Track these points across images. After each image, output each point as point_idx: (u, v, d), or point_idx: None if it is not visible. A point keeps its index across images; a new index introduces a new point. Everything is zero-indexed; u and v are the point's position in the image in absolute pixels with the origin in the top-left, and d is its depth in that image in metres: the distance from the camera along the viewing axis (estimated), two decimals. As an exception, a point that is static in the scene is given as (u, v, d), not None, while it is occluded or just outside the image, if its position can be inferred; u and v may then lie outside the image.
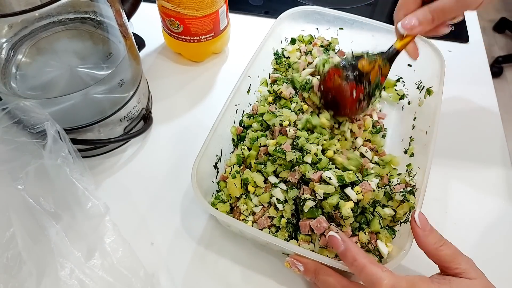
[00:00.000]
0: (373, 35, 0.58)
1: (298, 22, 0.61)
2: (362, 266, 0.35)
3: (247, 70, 0.52)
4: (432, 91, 0.53)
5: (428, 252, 0.38)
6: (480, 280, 0.36)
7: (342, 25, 0.60)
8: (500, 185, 0.53)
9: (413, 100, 0.56)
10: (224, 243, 0.48)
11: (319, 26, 0.61)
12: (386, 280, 0.34)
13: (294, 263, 0.40)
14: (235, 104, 0.52)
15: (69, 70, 0.50)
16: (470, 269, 0.36)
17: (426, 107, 0.53)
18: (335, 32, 0.61)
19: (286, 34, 0.61)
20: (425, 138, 0.48)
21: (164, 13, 0.60)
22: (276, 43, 0.60)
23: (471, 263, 0.37)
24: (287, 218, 0.45)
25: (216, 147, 0.49)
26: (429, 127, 0.48)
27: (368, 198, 0.42)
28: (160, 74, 0.66)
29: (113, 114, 0.52)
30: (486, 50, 0.70)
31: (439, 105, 0.49)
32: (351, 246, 0.37)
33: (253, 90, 0.56)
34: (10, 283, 0.38)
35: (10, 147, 0.43)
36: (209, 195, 0.47)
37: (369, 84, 0.47)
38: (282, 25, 0.59)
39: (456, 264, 0.36)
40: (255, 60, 0.53)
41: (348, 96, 0.47)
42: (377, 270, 0.34)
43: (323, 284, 0.39)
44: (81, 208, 0.43)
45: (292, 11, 0.59)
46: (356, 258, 0.36)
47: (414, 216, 0.39)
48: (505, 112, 0.66)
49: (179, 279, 0.46)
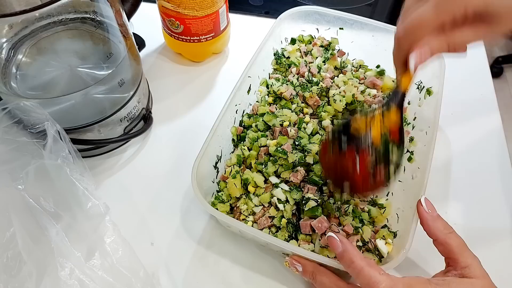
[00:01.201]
0: (373, 35, 0.58)
1: (298, 22, 0.61)
2: (360, 268, 0.35)
3: (247, 70, 0.52)
4: (432, 91, 0.53)
5: (437, 238, 0.37)
6: (482, 280, 0.35)
7: (342, 25, 0.60)
8: (500, 185, 0.53)
9: (413, 100, 0.57)
10: (224, 243, 0.48)
11: (319, 26, 0.61)
12: (384, 283, 0.34)
13: (293, 263, 0.40)
14: (235, 104, 0.52)
15: (69, 70, 0.50)
16: (476, 266, 0.36)
17: (426, 107, 0.53)
18: (335, 32, 0.61)
19: (286, 34, 0.61)
20: (425, 138, 0.48)
21: (164, 13, 0.60)
22: (276, 43, 0.60)
23: (477, 260, 0.36)
24: (288, 218, 0.45)
25: (216, 147, 0.49)
26: (429, 128, 0.48)
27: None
28: (160, 74, 0.66)
29: (113, 114, 0.52)
30: (486, 50, 0.70)
31: (439, 105, 0.49)
32: (349, 248, 0.37)
33: (253, 90, 0.56)
34: (10, 283, 0.38)
35: (10, 147, 0.43)
36: (209, 195, 0.47)
37: (374, 147, 0.37)
38: (282, 25, 0.59)
39: (463, 257, 0.36)
40: (255, 60, 0.53)
41: (352, 172, 0.38)
42: (374, 273, 0.34)
43: (320, 285, 0.39)
44: (81, 208, 0.43)
45: (292, 11, 0.59)
46: (354, 260, 0.35)
47: (421, 201, 0.39)
48: (505, 112, 0.66)
49: (179, 279, 0.46)
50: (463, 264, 0.36)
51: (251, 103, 0.56)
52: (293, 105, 0.53)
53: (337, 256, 0.37)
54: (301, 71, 0.58)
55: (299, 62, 0.59)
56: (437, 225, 0.38)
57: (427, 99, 0.54)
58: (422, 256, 0.39)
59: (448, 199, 0.52)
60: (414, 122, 0.54)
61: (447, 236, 0.37)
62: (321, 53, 0.60)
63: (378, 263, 0.42)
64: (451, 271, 0.37)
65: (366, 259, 0.36)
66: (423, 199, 0.39)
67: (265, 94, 0.56)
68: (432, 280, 0.36)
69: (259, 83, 0.57)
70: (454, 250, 0.37)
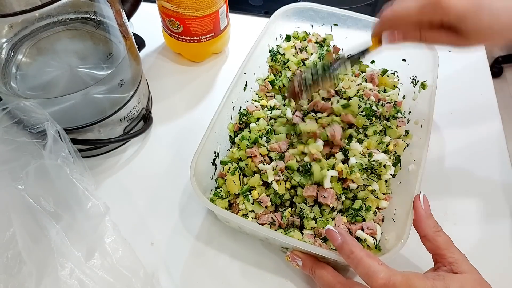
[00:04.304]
0: (367, 31, 0.58)
1: (292, 20, 0.60)
2: (359, 258, 0.36)
3: (243, 67, 0.53)
4: (426, 85, 0.53)
5: (426, 235, 0.39)
6: (472, 274, 0.36)
7: (336, 22, 0.60)
8: (500, 185, 0.53)
9: (407, 94, 0.57)
10: (223, 240, 0.48)
11: (313, 23, 0.61)
12: (382, 273, 0.34)
13: (293, 258, 0.41)
14: (232, 101, 0.52)
15: (69, 70, 0.50)
16: (462, 262, 0.37)
17: (420, 101, 0.53)
18: (330, 29, 0.61)
19: (281, 31, 0.61)
20: (420, 131, 0.48)
21: (164, 13, 0.60)
22: (271, 40, 0.60)
23: (464, 256, 0.37)
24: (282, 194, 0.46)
25: (213, 144, 0.49)
26: (424, 120, 0.48)
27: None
28: (160, 74, 0.66)
29: (113, 114, 0.52)
30: (486, 50, 0.70)
31: (433, 98, 0.49)
32: (348, 239, 0.38)
33: (250, 87, 0.56)
34: (10, 283, 0.38)
35: (10, 147, 0.43)
36: (207, 192, 0.48)
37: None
38: (276, 22, 0.59)
39: (450, 253, 0.37)
40: (251, 57, 0.54)
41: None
42: (374, 263, 0.35)
43: (319, 279, 0.40)
44: (81, 208, 0.43)
45: (286, 8, 0.59)
46: (353, 251, 0.36)
47: (419, 196, 0.40)
48: (505, 112, 0.66)
49: (178, 279, 0.46)
50: (451, 259, 0.37)
51: (248, 100, 0.56)
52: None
53: (337, 248, 0.38)
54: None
55: (296, 62, 0.59)
56: (428, 222, 0.39)
57: (421, 92, 0.54)
58: (416, 251, 0.40)
59: (448, 199, 0.52)
60: (409, 116, 0.54)
61: (435, 233, 0.39)
62: (316, 50, 0.60)
63: (376, 253, 0.42)
64: (441, 267, 0.37)
65: (365, 250, 0.37)
66: (422, 195, 0.40)
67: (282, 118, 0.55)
68: (428, 275, 0.37)
69: (255, 79, 0.58)
70: (441, 246, 0.38)
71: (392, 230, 0.43)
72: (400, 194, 0.46)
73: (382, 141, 0.49)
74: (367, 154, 0.47)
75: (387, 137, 0.50)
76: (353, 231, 0.45)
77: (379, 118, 0.52)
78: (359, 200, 0.46)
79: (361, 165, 0.46)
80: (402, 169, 0.49)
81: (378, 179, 0.47)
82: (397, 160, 0.49)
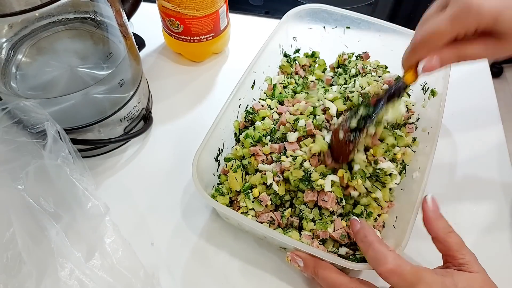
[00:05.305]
0: (380, 35, 0.58)
1: (305, 21, 0.60)
2: (370, 242, 0.37)
3: (252, 65, 0.52)
4: (436, 92, 0.53)
5: (437, 236, 0.38)
6: (481, 274, 0.36)
7: (349, 24, 0.59)
8: (500, 185, 0.53)
9: (417, 101, 0.56)
10: (223, 238, 0.48)
11: (326, 25, 0.61)
12: (391, 259, 0.35)
13: (294, 259, 0.40)
14: (239, 99, 0.52)
15: (69, 70, 0.50)
16: (473, 263, 0.37)
17: (429, 108, 0.53)
18: (342, 31, 0.61)
19: (292, 33, 0.61)
20: (427, 138, 0.48)
21: (164, 13, 0.60)
22: (282, 40, 0.60)
23: (475, 257, 0.37)
24: (282, 195, 0.46)
25: (218, 140, 0.49)
26: (432, 128, 0.48)
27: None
28: (160, 74, 0.66)
29: (113, 114, 0.51)
30: (486, 50, 0.70)
31: (443, 106, 0.49)
32: (366, 226, 0.39)
33: (258, 85, 0.56)
34: (10, 283, 0.38)
35: (10, 147, 0.43)
36: (209, 188, 0.48)
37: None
38: (288, 23, 0.58)
39: (461, 254, 0.37)
40: (261, 56, 0.53)
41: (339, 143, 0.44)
42: (384, 248, 0.36)
43: (323, 280, 0.39)
44: (81, 208, 0.43)
45: (299, 8, 0.58)
46: (367, 235, 0.38)
47: (426, 199, 0.40)
48: (505, 112, 0.66)
49: (179, 279, 0.46)
50: (461, 260, 0.37)
51: (255, 98, 0.56)
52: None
53: (354, 233, 0.40)
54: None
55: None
56: (439, 223, 0.39)
57: (431, 100, 0.54)
58: (420, 254, 0.40)
59: (447, 199, 0.52)
60: (417, 122, 0.54)
61: (446, 235, 0.38)
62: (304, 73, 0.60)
63: None
64: (450, 266, 0.37)
65: (378, 237, 0.38)
66: (430, 197, 0.40)
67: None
68: (437, 271, 0.37)
69: (264, 79, 0.57)
70: (453, 247, 0.38)
71: (391, 237, 0.43)
72: (402, 201, 0.46)
73: (389, 148, 0.48)
74: (373, 162, 0.46)
75: (396, 148, 0.48)
76: (352, 236, 0.44)
77: (392, 127, 0.52)
78: (360, 206, 0.46)
79: (363, 172, 0.45)
80: (407, 176, 0.48)
81: (382, 187, 0.46)
82: (403, 169, 0.48)
